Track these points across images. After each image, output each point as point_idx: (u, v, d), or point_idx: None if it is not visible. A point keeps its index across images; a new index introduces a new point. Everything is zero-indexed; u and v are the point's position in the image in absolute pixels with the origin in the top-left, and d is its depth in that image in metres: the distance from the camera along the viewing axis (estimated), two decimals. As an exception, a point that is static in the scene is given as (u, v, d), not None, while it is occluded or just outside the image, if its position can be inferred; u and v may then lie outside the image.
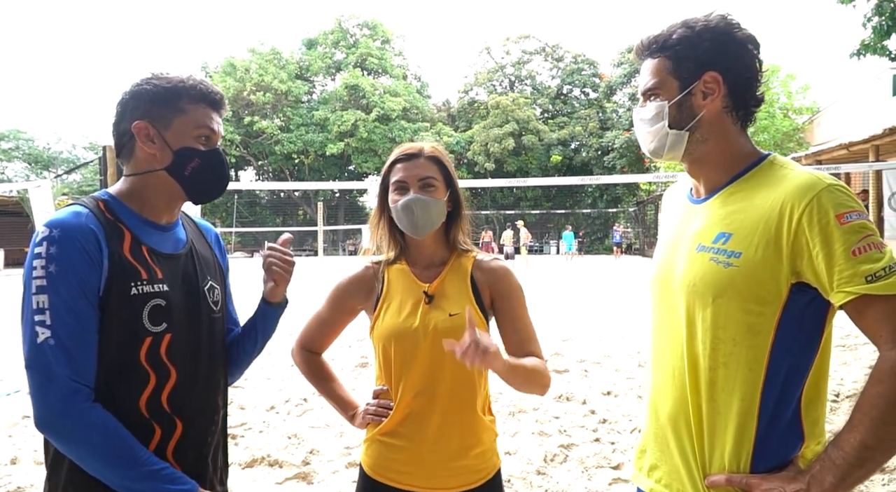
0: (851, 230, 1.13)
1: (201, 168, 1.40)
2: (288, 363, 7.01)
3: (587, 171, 40.13)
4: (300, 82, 42.88)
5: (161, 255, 1.38)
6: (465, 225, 1.71)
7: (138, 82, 1.41)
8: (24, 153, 45.74)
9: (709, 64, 1.31)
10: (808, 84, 24.40)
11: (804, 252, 1.16)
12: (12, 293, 16.79)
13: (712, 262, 1.26)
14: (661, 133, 1.35)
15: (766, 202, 1.22)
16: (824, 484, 1.13)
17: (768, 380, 1.21)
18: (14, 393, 5.84)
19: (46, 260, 1.21)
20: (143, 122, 1.36)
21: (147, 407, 1.31)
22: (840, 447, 1.13)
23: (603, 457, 4.05)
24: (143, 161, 1.39)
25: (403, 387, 1.60)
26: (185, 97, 1.39)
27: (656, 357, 1.42)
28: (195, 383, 1.40)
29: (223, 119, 1.51)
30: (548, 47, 46.37)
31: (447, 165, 1.67)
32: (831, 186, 1.17)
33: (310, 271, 23.46)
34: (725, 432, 1.25)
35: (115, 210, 1.36)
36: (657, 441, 1.40)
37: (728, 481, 1.23)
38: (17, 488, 3.62)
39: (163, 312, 1.33)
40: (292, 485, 3.72)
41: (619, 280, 18.74)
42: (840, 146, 14.57)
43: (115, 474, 1.23)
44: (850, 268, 1.11)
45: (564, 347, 7.83)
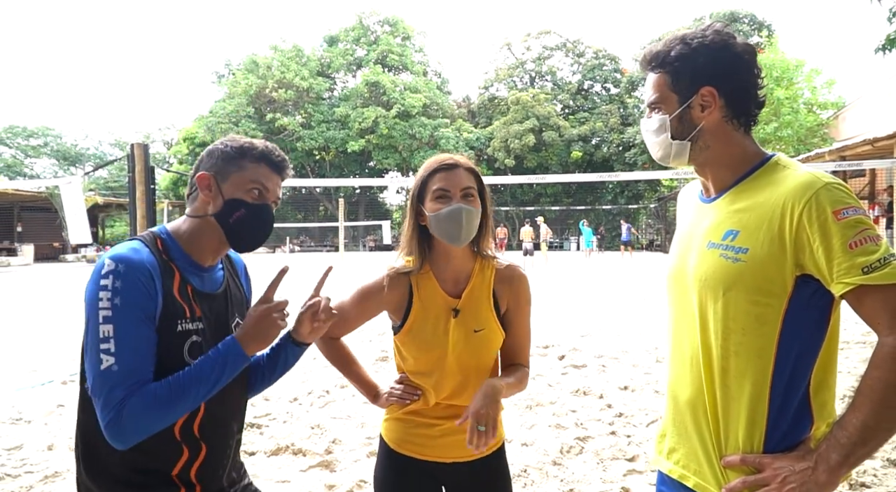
0: (848, 225, 1.21)
1: (245, 218, 1.52)
2: (310, 357, 7.16)
3: (608, 167, 39.94)
4: (321, 79, 43.18)
5: (201, 294, 1.53)
6: (491, 235, 1.80)
7: (218, 142, 1.58)
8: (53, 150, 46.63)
9: (704, 79, 1.39)
10: (833, 79, 24.02)
11: (806, 247, 1.24)
12: (44, 287, 17.20)
13: (722, 257, 1.34)
14: (665, 143, 1.45)
15: (769, 201, 1.30)
16: (830, 462, 1.21)
17: (777, 367, 1.30)
18: (48, 383, 6.05)
19: (112, 293, 1.33)
20: (208, 173, 1.53)
21: (181, 432, 1.46)
22: (844, 428, 1.22)
23: (618, 449, 4.12)
24: (200, 207, 1.54)
25: (430, 391, 1.75)
26: (248, 157, 1.54)
27: (674, 348, 1.51)
28: (221, 412, 1.55)
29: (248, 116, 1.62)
30: (568, 43, 46.19)
31: (480, 176, 1.75)
32: (829, 185, 1.25)
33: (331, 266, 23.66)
34: (739, 416, 1.33)
35: (169, 248, 1.50)
36: (676, 426, 1.49)
37: (742, 460, 1.32)
38: (55, 472, 3.79)
39: (198, 348, 1.47)
40: (315, 472, 3.85)
41: (638, 276, 18.70)
42: (864, 142, 14.37)
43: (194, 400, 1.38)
44: (848, 260, 1.19)
45: (583, 342, 7.89)
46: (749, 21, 40.36)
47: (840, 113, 23.26)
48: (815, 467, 1.23)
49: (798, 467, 1.25)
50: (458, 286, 1.74)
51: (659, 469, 1.56)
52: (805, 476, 1.23)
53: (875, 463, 3.77)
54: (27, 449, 4.21)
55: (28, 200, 31.03)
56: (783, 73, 23.25)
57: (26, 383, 6.11)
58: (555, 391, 5.60)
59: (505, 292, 1.75)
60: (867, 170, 17.56)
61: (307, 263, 27.60)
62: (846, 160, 14.73)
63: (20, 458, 4.04)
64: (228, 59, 46.22)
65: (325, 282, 1.67)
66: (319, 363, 6.81)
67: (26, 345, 8.13)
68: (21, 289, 16.88)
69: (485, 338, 1.70)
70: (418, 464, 1.75)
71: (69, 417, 4.95)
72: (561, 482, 3.64)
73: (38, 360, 7.11)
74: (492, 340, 1.71)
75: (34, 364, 6.91)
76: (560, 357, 6.99)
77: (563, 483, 3.63)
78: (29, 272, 23.69)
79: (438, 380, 1.73)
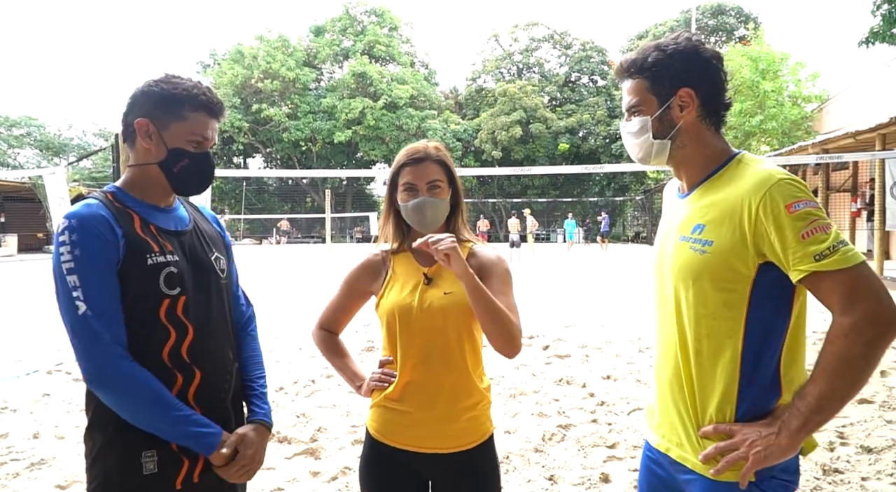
0: (799, 217, 1.32)
1: (189, 168, 1.60)
2: (296, 347, 7.21)
3: (595, 159, 40.11)
4: (308, 70, 42.90)
5: (167, 231, 1.60)
6: (463, 216, 1.89)
7: (150, 82, 1.58)
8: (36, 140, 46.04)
9: (681, 81, 1.51)
10: (818, 72, 24.21)
11: (764, 238, 1.36)
12: (28, 278, 17.06)
13: (691, 250, 1.47)
14: (647, 143, 1.57)
15: (731, 197, 1.43)
16: (791, 428, 1.35)
17: (746, 347, 1.42)
18: (33, 373, 6.05)
19: (71, 246, 1.43)
20: (146, 119, 1.56)
21: (169, 358, 1.53)
22: (803, 398, 1.35)
23: (599, 437, 4.20)
24: (141, 154, 1.59)
25: (403, 358, 1.77)
26: (188, 105, 1.57)
27: (659, 332, 1.64)
28: (210, 338, 1.62)
29: (234, 107, 1.68)
30: (556, 34, 46.22)
31: (450, 165, 1.83)
32: (781, 181, 1.36)
33: (318, 258, 23.69)
34: (713, 392, 1.46)
35: (122, 199, 1.58)
36: (660, 403, 1.62)
37: (715, 429, 1.44)
38: (41, 459, 3.81)
39: (175, 279, 1.54)
40: (301, 460, 3.90)
41: (622, 268, 18.84)
42: (847, 135, 14.49)
43: (152, 419, 1.45)
44: (801, 249, 1.31)
45: (567, 332, 7.98)
46: (735, 14, 40.59)
47: (824, 106, 23.44)
48: (779, 433, 1.36)
49: (764, 432, 1.37)
50: (432, 260, 1.80)
51: (647, 441, 1.70)
52: (770, 440, 1.35)
53: (849, 450, 3.88)
54: (13, 437, 4.23)
55: (11, 190, 30.64)
56: (769, 66, 23.41)
57: (11, 372, 6.10)
58: (538, 381, 5.68)
59: (477, 265, 1.79)
60: (850, 163, 17.75)
61: (294, 255, 27.53)
62: (829, 153, 14.86)
63: (6, 446, 4.06)
64: (213, 49, 45.93)
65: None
66: (305, 353, 6.85)
67: (11, 335, 8.10)
68: (5, 280, 16.74)
69: (452, 300, 1.72)
70: (400, 454, 1.78)
71: (54, 406, 4.96)
72: (542, 468, 3.72)
73: (23, 350, 7.09)
74: (459, 305, 1.71)
75: (19, 354, 6.89)
76: (544, 347, 7.07)
77: (545, 469, 3.70)
78: (13, 263, 23.46)
79: (405, 345, 1.75)
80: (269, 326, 8.47)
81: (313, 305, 10.40)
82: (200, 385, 1.57)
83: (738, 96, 23.22)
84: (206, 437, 1.50)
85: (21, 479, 3.57)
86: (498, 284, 1.76)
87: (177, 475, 1.51)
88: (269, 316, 9.33)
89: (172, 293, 1.53)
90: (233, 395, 1.69)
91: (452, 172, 1.83)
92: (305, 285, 14.46)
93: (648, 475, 1.69)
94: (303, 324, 8.72)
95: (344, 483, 3.53)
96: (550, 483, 3.53)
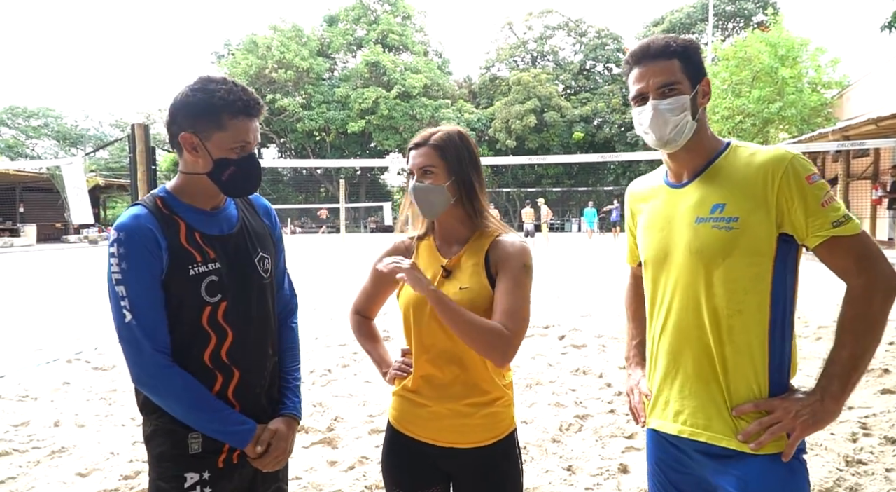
0: (818, 188, 1.45)
1: (236, 174, 1.65)
2: (312, 336, 7.23)
3: (610, 147, 39.81)
4: (321, 59, 42.91)
5: (213, 237, 1.67)
6: (478, 204, 1.77)
7: (186, 92, 1.61)
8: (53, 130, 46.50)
9: (703, 71, 1.59)
10: (838, 58, 23.75)
11: (784, 208, 1.45)
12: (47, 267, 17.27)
13: (715, 228, 1.51)
14: (683, 122, 1.55)
15: (748, 174, 1.50)
16: (833, 391, 1.44)
17: (772, 318, 1.49)
18: (54, 361, 6.11)
19: (119, 258, 1.54)
20: (189, 133, 1.61)
21: (210, 360, 1.64)
22: (836, 362, 1.45)
23: (617, 427, 4.17)
24: (189, 165, 1.66)
25: (417, 351, 1.76)
26: (226, 113, 1.59)
27: (674, 321, 1.61)
28: (248, 339, 1.70)
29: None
30: (571, 22, 45.82)
31: (450, 150, 1.73)
32: (796, 156, 1.47)
33: (332, 248, 23.76)
34: (747, 369, 1.50)
35: (171, 204, 1.65)
36: (680, 391, 1.61)
37: (755, 406, 1.48)
38: (62, 447, 3.86)
39: (217, 286, 1.63)
40: (318, 449, 3.91)
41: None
42: (868, 121, 14.25)
43: (196, 417, 1.59)
44: (822, 216, 1.43)
45: (583, 322, 7.94)
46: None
47: (844, 92, 23.02)
48: (822, 399, 1.44)
49: (806, 401, 1.45)
50: (453, 249, 1.79)
51: (661, 431, 1.66)
52: (816, 407, 1.44)
53: (872, 440, 3.83)
54: (34, 425, 4.28)
55: (30, 180, 30.97)
56: (788, 52, 22.96)
57: (32, 361, 6.18)
58: (555, 371, 5.65)
59: (496, 258, 1.71)
60: (871, 150, 17.48)
61: (308, 244, 27.66)
62: (850, 140, 14.64)
63: (27, 434, 4.10)
64: (228, 40, 45.94)
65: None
66: (321, 343, 6.88)
67: (31, 324, 8.19)
68: (24, 269, 16.95)
69: (467, 296, 1.66)
70: (419, 445, 1.76)
71: (75, 394, 5.01)
72: (560, 459, 3.70)
73: (44, 339, 7.17)
74: (475, 301, 1.66)
75: (39, 343, 6.97)
76: (560, 337, 7.04)
77: (563, 460, 3.68)
78: (32, 253, 23.76)
79: (419, 339, 1.74)
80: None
81: (328, 295, 10.36)
82: (239, 383, 1.68)
83: (757, 83, 22.85)
84: (240, 434, 1.63)
85: (42, 467, 3.61)
86: (506, 281, 1.67)
87: (218, 456, 1.65)
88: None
89: (213, 300, 1.63)
90: (269, 388, 1.79)
91: (454, 158, 1.73)
92: (320, 275, 14.52)
93: (663, 467, 1.67)
94: (318, 314, 8.74)
95: (361, 472, 3.53)
96: (568, 473, 3.51)
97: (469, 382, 1.72)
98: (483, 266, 1.72)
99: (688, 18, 40.48)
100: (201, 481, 1.63)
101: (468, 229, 1.79)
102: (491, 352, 1.60)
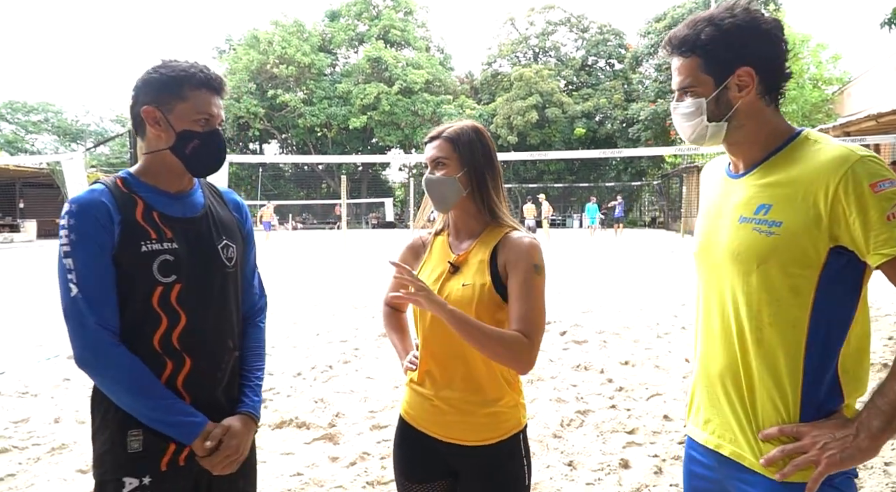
0: (885, 197, 1.22)
1: (200, 147, 1.61)
2: (313, 332, 7.23)
3: (611, 143, 39.67)
4: (323, 55, 42.80)
5: (173, 218, 1.61)
6: (491, 198, 1.76)
7: (148, 70, 1.61)
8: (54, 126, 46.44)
9: (740, 59, 1.38)
10: (839, 54, 23.74)
11: (841, 219, 1.25)
12: (47, 263, 17.27)
13: (755, 231, 1.35)
14: (701, 126, 1.44)
15: (803, 175, 1.31)
16: (872, 428, 1.24)
17: (811, 337, 1.31)
18: (54, 358, 6.11)
19: (69, 230, 1.48)
20: (151, 107, 1.58)
21: (160, 345, 1.55)
22: (884, 395, 1.24)
23: (618, 422, 4.17)
24: (152, 141, 1.61)
25: (422, 345, 1.77)
26: (188, 85, 1.58)
27: (706, 321, 1.52)
28: (204, 326, 1.62)
29: (250, 93, 1.66)
30: (573, 18, 45.68)
31: (463, 142, 1.73)
32: (864, 158, 1.25)
33: (333, 243, 23.74)
34: (773, 388, 1.34)
35: (131, 184, 1.61)
36: (709, 397, 1.50)
37: (780, 431, 1.33)
38: (62, 444, 3.85)
39: (171, 266, 1.56)
40: (319, 445, 3.90)
41: (640, 253, 18.71)
42: (868, 117, 14.24)
43: (138, 403, 1.50)
44: (887, 232, 1.21)
45: (584, 318, 7.93)
46: (756, -5, 39.79)
47: (845, 88, 22.99)
48: (857, 434, 1.25)
49: (838, 434, 1.26)
50: (465, 244, 1.78)
51: (692, 437, 1.59)
52: (846, 442, 1.25)
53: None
54: (34, 422, 4.27)
55: (30, 176, 30.92)
56: (789, 48, 22.96)
57: (32, 357, 6.17)
58: (556, 366, 5.65)
59: (504, 257, 1.69)
60: (871, 145, 17.40)
61: (310, 240, 27.64)
62: (850, 136, 14.61)
63: (27, 430, 4.09)
64: (229, 35, 45.86)
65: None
66: (322, 339, 6.87)
67: (31, 320, 8.18)
68: (25, 265, 16.95)
69: (469, 292, 1.66)
70: (427, 438, 1.75)
71: (75, 390, 5.00)
72: (561, 454, 3.69)
73: (44, 335, 7.17)
74: (473, 297, 1.65)
75: (39, 339, 6.97)
76: (562, 333, 7.04)
77: (564, 455, 3.68)
78: (32, 249, 23.76)
79: (424, 334, 1.75)
80: (287, 312, 8.50)
81: (330, 291, 10.41)
82: (191, 373, 1.58)
83: (759, 79, 22.85)
84: (186, 426, 1.52)
85: (42, 463, 3.60)
86: (518, 285, 1.64)
87: (162, 457, 1.53)
88: (287, 301, 9.35)
89: (167, 281, 1.55)
90: (227, 384, 1.68)
91: (466, 150, 1.73)
92: (322, 271, 14.52)
93: (693, 477, 1.58)
94: (319, 310, 8.74)
95: (363, 468, 3.52)
96: (570, 469, 3.50)
97: (470, 378, 1.70)
98: (488, 263, 1.70)
99: (689, 14, 40.07)
100: (140, 486, 1.51)
101: (480, 224, 1.78)
102: (513, 362, 1.60)
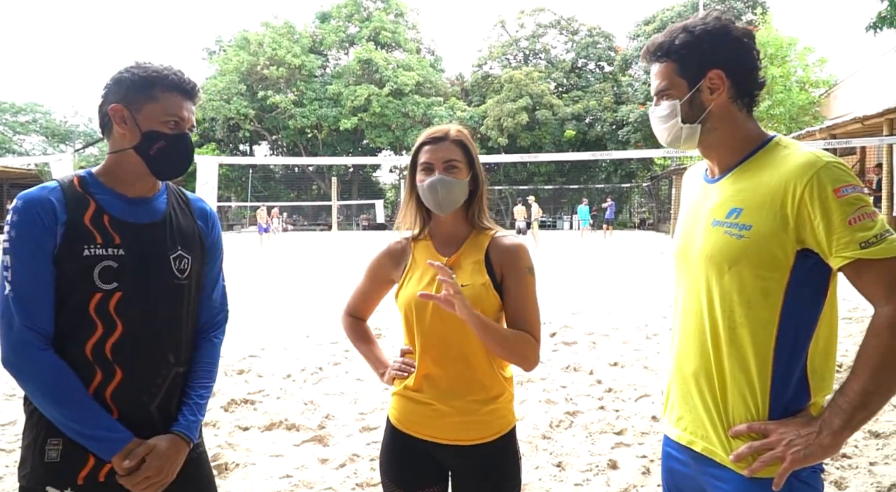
0: (847, 203, 1.27)
1: (166, 149, 1.56)
2: (303, 334, 7.22)
3: (601, 145, 39.79)
4: (313, 56, 42.70)
5: (124, 223, 1.55)
6: (483, 203, 1.83)
7: (121, 70, 1.58)
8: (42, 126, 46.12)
9: (711, 63, 1.45)
10: (825, 57, 23.98)
11: (807, 223, 1.31)
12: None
13: (726, 234, 1.41)
14: (676, 128, 1.51)
15: (772, 180, 1.37)
16: (833, 426, 1.29)
17: (780, 337, 1.37)
18: None
19: (10, 226, 1.44)
20: (119, 105, 1.54)
21: (92, 353, 1.49)
22: (845, 394, 1.30)
23: (607, 423, 4.20)
24: (117, 140, 1.57)
25: (421, 350, 1.76)
26: (159, 86, 1.55)
27: (682, 321, 1.58)
28: (141, 338, 1.54)
29: (240, 94, 1.64)
30: (563, 20, 45.81)
31: (471, 147, 1.78)
32: (829, 164, 1.31)
33: (324, 245, 23.70)
34: (744, 386, 1.40)
35: (88, 185, 1.55)
36: (682, 395, 1.56)
37: (749, 428, 1.39)
38: None
39: (113, 273, 1.50)
40: (309, 447, 3.91)
41: (629, 255, 18.79)
42: (854, 120, 14.39)
43: (58, 412, 1.44)
44: (847, 235, 1.27)
45: (573, 319, 7.97)
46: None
47: (831, 91, 23.24)
48: (820, 431, 1.30)
49: (803, 431, 1.32)
50: (451, 249, 1.79)
51: (666, 435, 1.64)
52: (810, 439, 1.30)
53: (857, 434, 3.86)
54: (21, 425, 4.23)
55: (17, 177, 30.65)
56: (777, 51, 23.19)
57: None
58: (546, 368, 5.67)
59: (498, 258, 1.75)
60: (857, 148, 17.60)
61: (300, 242, 27.57)
62: (836, 138, 14.75)
63: (14, 433, 4.07)
64: (219, 36, 45.72)
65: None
66: (312, 341, 6.87)
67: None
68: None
69: (469, 293, 1.67)
70: (420, 444, 1.76)
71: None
72: (550, 455, 3.72)
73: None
74: (476, 298, 1.68)
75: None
76: (551, 334, 7.06)
77: (553, 456, 3.70)
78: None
79: (422, 338, 1.74)
80: (276, 314, 8.49)
81: (320, 293, 10.37)
82: (121, 385, 1.51)
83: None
84: (107, 441, 1.45)
85: (31, 465, 3.58)
86: (517, 288, 1.73)
87: (80, 470, 1.46)
88: (276, 303, 9.35)
89: (107, 288, 1.49)
90: (164, 400, 1.60)
91: (473, 155, 1.78)
92: (312, 273, 14.49)
93: (671, 472, 1.64)
94: (309, 311, 8.73)
95: (352, 470, 3.53)
96: (558, 470, 3.53)
97: (473, 378, 1.73)
98: (483, 264, 1.75)
99: (679, 17, 40.37)
100: None
101: (466, 228, 1.82)
102: (524, 361, 1.70)
